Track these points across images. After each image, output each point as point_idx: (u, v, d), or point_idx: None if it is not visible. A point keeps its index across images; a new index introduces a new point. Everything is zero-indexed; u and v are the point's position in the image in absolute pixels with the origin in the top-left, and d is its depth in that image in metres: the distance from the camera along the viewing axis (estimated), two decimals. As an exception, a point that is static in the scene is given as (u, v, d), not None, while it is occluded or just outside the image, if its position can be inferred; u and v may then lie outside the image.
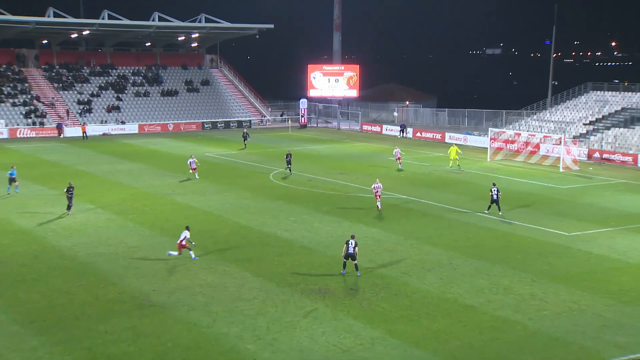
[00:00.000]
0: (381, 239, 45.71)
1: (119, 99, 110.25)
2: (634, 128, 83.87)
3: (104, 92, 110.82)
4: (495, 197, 50.89)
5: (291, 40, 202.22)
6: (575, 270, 39.60)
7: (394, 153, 72.11)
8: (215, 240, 45.11)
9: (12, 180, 58.06)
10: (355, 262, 38.04)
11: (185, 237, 39.60)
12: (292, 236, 46.00)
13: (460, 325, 31.91)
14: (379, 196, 53.14)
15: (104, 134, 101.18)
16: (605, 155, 79.06)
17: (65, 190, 51.66)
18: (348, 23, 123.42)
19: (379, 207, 52.98)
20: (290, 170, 68.10)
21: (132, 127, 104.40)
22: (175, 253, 40.10)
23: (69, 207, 51.49)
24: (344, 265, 38.17)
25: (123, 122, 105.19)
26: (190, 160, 65.67)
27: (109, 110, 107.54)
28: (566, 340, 30.50)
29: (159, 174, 69.01)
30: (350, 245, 37.77)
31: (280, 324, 31.75)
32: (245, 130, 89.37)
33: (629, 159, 76.99)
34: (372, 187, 53.71)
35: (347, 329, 31.25)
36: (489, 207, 51.46)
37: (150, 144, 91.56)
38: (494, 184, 52.53)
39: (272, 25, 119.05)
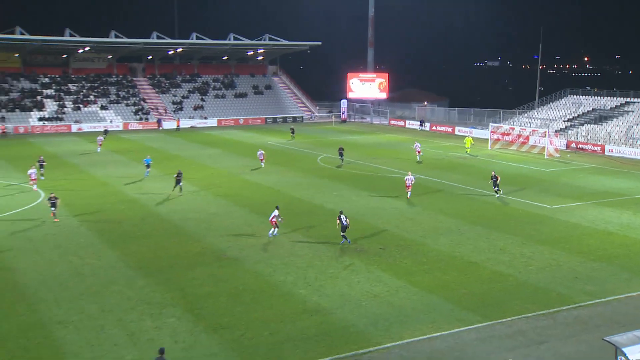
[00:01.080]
0: (404, 210, 45.66)
1: (202, 100, 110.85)
2: (602, 124, 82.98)
3: (191, 94, 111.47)
4: (494, 180, 49.94)
5: (334, 53, 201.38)
6: (555, 235, 39.30)
7: (414, 147, 69.95)
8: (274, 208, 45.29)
9: (148, 165, 56.91)
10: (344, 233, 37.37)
11: (275, 215, 37.68)
12: (334, 207, 45.98)
13: (465, 277, 31.87)
14: (409, 187, 48.90)
15: (191, 127, 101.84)
16: (579, 146, 78.19)
17: (175, 175, 50.35)
18: (379, 40, 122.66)
19: (409, 196, 48.76)
20: (342, 160, 65.74)
21: (212, 122, 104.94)
22: (272, 230, 38.11)
23: (179, 189, 49.71)
24: (344, 237, 37.35)
25: (206, 118, 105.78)
26: (259, 152, 65.36)
27: (195, 108, 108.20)
28: (547, 289, 30.42)
29: (232, 158, 69.37)
30: (342, 219, 36.94)
31: (325, 275, 31.93)
32: (291, 126, 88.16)
33: (598, 148, 76.09)
34: (405, 178, 49.49)
35: (377, 279, 31.35)
36: (496, 190, 50.13)
37: (225, 134, 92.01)
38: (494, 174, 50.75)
39: (319, 42, 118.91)
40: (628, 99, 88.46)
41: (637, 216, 44.22)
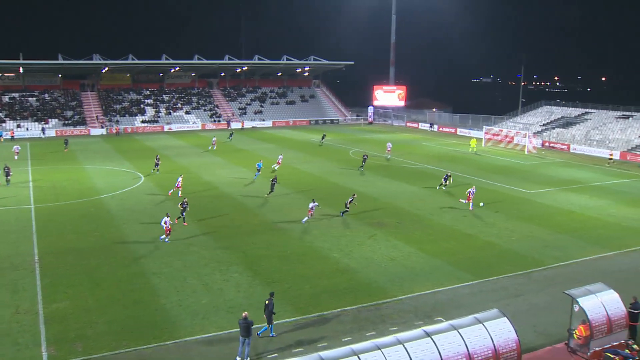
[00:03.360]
0: (416, 192, 45.43)
1: (261, 106, 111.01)
2: (568, 128, 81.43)
3: (253, 102, 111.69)
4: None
5: (364, 70, 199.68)
6: (532, 213, 38.83)
7: (386, 145, 65.84)
8: (316, 191, 45.46)
9: (259, 169, 50.57)
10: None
11: (314, 205, 35.63)
12: (362, 190, 46.01)
13: (463, 246, 31.73)
14: (471, 199, 39.74)
15: (253, 127, 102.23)
16: (551, 144, 76.86)
17: (271, 180, 44.16)
18: (398, 60, 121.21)
19: (470, 207, 39.55)
20: (362, 166, 56.26)
21: (268, 123, 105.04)
22: (306, 218, 35.90)
23: (270, 193, 43.46)
24: (343, 214, 37.57)
25: (263, 120, 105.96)
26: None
27: (256, 113, 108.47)
28: (525, 255, 30.20)
29: (284, 150, 69.58)
30: (349, 200, 37.76)
31: (354, 242, 32.03)
32: (324, 133, 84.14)
33: (565, 147, 74.68)
34: (467, 191, 40.52)
35: (394, 246, 31.36)
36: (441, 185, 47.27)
37: (279, 133, 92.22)
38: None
39: (352, 62, 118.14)
40: (587, 110, 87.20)
41: (592, 199, 43.51)
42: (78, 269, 27.47)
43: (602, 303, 19.72)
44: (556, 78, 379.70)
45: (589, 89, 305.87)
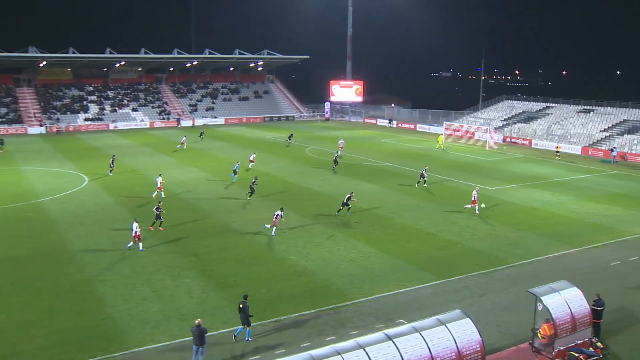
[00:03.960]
0: (375, 191, 45.72)
1: (213, 102, 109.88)
2: (529, 123, 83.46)
3: (204, 98, 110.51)
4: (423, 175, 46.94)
5: (320, 65, 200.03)
6: (494, 211, 39.52)
7: (339, 143, 66.27)
8: (271, 190, 45.30)
9: (235, 172, 49.48)
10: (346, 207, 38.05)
11: (278, 214, 33.21)
12: (320, 189, 46.10)
13: (424, 245, 32.07)
14: (476, 202, 38.86)
15: (204, 125, 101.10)
16: (513, 140, 78.61)
17: (252, 181, 42.87)
18: (356, 54, 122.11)
19: (477, 211, 38.71)
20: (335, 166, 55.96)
21: (221, 120, 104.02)
22: (268, 226, 33.76)
23: (250, 195, 42.46)
24: (339, 211, 37.93)
25: (215, 117, 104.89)
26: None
27: (207, 109, 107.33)
28: (487, 253, 30.71)
29: (237, 149, 69.07)
30: (347, 197, 38.00)
31: (312, 244, 32.00)
32: (291, 133, 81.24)
33: (527, 142, 76.52)
34: (473, 192, 39.43)
35: (353, 247, 31.47)
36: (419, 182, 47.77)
37: (232, 130, 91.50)
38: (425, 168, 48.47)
39: (308, 56, 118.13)
40: (548, 104, 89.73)
41: (554, 195, 44.64)
42: (15, 279, 26.60)
43: (565, 301, 20.19)
44: (517, 72, 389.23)
45: (550, 83, 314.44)
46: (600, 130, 74.40)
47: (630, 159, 64.27)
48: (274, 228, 33.38)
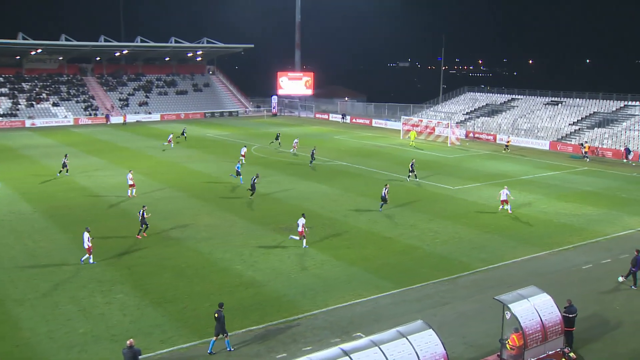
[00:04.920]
0: (328, 193, 45.78)
1: (147, 97, 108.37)
2: (493, 117, 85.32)
3: (137, 92, 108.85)
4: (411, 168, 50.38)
5: (266, 54, 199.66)
6: (457, 212, 40.13)
7: (293, 143, 65.77)
8: (213, 193, 44.88)
9: (238, 173, 48.77)
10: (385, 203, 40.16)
11: (302, 223, 32.36)
12: (267, 191, 45.87)
13: (382, 250, 32.24)
14: (508, 201, 40.25)
15: (137, 121, 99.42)
16: (476, 135, 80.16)
17: (253, 178, 43.70)
18: (305, 43, 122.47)
19: (510, 210, 40.15)
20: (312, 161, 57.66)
21: (156, 116, 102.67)
22: (297, 237, 32.82)
23: (252, 194, 43.51)
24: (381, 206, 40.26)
25: (150, 113, 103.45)
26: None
27: (140, 104, 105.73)
28: (450, 258, 31.13)
29: (175, 148, 68.15)
30: (384, 190, 39.99)
31: (259, 251, 31.80)
32: (278, 132, 73.31)
33: (491, 137, 78.18)
34: (501, 192, 40.64)
35: (305, 254, 31.40)
36: (410, 175, 50.41)
37: (168, 128, 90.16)
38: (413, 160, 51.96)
39: (252, 45, 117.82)
40: (514, 96, 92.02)
41: (521, 194, 45.62)
42: None
43: (535, 308, 20.55)
44: (480, 62, 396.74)
45: (515, 73, 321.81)
46: (569, 124, 76.53)
47: (601, 153, 66.35)
48: (304, 240, 32.48)
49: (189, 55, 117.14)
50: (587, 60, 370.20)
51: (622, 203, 43.68)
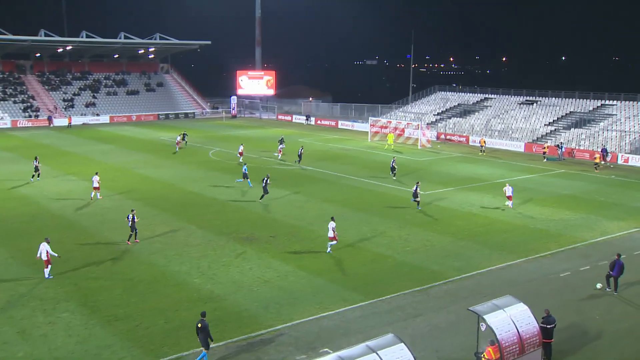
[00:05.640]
0: (292, 199, 45.75)
1: (94, 97, 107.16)
2: (466, 118, 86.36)
3: (83, 92, 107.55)
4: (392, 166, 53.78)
5: (224, 52, 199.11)
6: (428, 218, 40.44)
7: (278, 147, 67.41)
8: (168, 202, 44.49)
9: (245, 176, 50.17)
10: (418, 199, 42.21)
11: (333, 227, 33.46)
12: (226, 198, 45.66)
13: (350, 260, 32.29)
14: (511, 198, 43.58)
15: (83, 124, 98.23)
16: (448, 137, 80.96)
17: (264, 180, 44.93)
18: (266, 39, 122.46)
19: (511, 205, 43.43)
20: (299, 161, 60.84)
21: (105, 118, 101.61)
22: (334, 242, 33.58)
23: (262, 197, 44.55)
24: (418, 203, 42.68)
25: (98, 115, 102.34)
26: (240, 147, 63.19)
27: (87, 105, 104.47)
28: (422, 267, 31.32)
29: (126, 153, 67.49)
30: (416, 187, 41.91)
31: (218, 263, 31.60)
32: (281, 136, 77.65)
33: (463, 139, 79.07)
34: (505, 189, 43.93)
35: (268, 266, 31.29)
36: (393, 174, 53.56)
37: (118, 131, 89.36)
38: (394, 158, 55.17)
39: (209, 42, 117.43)
40: (487, 95, 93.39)
41: (496, 199, 46.21)
42: None
43: (511, 319, 20.76)
44: (451, 59, 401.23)
45: (488, 71, 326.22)
46: (545, 124, 77.81)
47: (578, 155, 67.57)
48: (332, 243, 33.69)
49: (140, 52, 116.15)
50: (563, 57, 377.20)
51: (601, 207, 44.53)
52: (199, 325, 21.43)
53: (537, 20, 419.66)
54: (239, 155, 62.38)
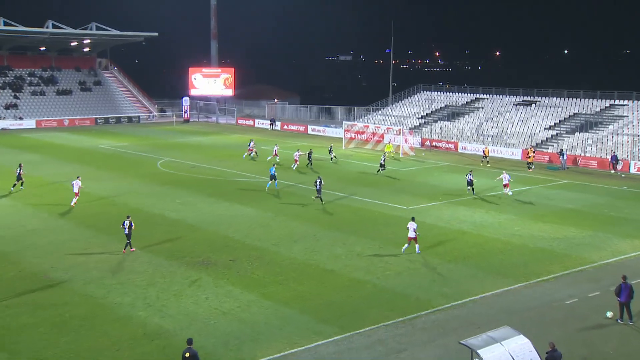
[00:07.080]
0: (255, 216, 45.57)
1: (16, 97, 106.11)
2: (454, 121, 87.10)
3: (1, 91, 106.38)
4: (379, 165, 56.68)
5: (174, 46, 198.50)
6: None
7: (249, 146, 71.84)
8: (108, 222, 43.97)
9: (273, 177, 53.48)
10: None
11: (414, 227, 36.73)
12: (178, 216, 45.33)
13: (322, 287, 32.19)
14: (509, 185, 52.13)
15: (2, 129, 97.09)
16: (434, 143, 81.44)
17: (317, 181, 49.35)
18: (223, 32, 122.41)
19: (510, 193, 51.94)
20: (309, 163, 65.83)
21: (29, 123, 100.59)
22: (407, 246, 37.09)
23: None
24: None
25: (21, 118, 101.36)
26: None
27: (7, 107, 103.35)
28: (405, 294, 31.33)
29: (56, 164, 66.74)
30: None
31: (168, 293, 31.29)
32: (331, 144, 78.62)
33: (451, 146, 79.68)
34: (501, 176, 51.83)
35: (227, 294, 31.07)
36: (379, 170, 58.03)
37: (47, 137, 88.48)
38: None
39: (156, 34, 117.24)
40: (478, 95, 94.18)
41: (489, 214, 46.55)
42: None
43: (510, 354, 20.71)
44: (437, 54, 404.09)
45: (479, 67, 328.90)
46: (545, 128, 78.62)
47: (583, 164, 68.27)
48: (417, 245, 36.91)
49: (72, 44, 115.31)
50: (565, 51, 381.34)
51: (611, 223, 45.00)
52: (187, 354, 21.18)
53: (535, 7, 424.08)
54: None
